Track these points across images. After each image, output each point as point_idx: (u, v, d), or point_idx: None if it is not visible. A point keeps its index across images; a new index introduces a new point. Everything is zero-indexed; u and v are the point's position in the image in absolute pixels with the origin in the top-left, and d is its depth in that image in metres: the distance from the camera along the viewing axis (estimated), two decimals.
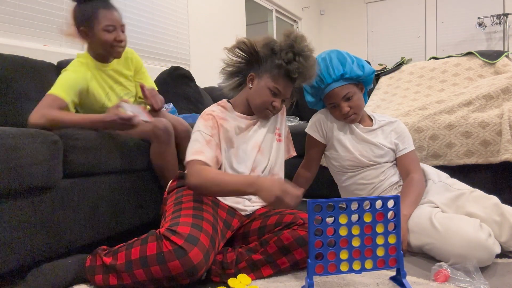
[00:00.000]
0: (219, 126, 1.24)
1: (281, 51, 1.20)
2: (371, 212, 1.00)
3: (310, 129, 1.57)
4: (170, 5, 3.08)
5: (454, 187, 1.37)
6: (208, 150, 1.18)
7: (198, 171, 1.12)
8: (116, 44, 1.49)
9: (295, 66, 1.18)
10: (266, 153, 1.32)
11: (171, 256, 0.95)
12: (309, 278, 0.97)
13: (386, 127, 1.52)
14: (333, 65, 1.42)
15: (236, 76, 1.32)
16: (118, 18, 1.51)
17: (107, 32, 1.46)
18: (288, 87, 1.25)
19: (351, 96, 1.42)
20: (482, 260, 1.10)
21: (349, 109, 1.43)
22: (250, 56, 1.26)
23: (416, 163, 1.47)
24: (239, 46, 1.25)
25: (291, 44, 1.19)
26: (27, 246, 1.09)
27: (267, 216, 1.23)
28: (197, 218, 1.06)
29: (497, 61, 2.25)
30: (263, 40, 1.24)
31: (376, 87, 2.60)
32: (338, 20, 6.35)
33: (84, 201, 1.27)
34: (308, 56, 1.21)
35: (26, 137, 1.08)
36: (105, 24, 1.45)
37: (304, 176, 1.61)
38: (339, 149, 1.50)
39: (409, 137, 1.52)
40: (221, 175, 1.14)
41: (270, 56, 1.23)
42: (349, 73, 1.40)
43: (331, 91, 1.43)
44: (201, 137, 1.19)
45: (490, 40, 5.30)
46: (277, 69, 1.21)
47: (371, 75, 1.46)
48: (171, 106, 2.14)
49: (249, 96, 1.29)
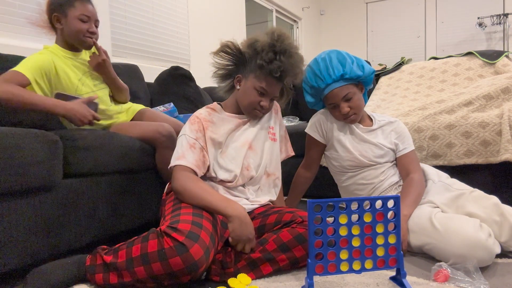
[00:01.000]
0: (205, 129, 1.25)
1: (262, 51, 1.20)
2: (371, 212, 1.00)
3: (310, 129, 1.57)
4: (170, 5, 3.08)
5: (454, 187, 1.37)
6: (190, 154, 1.19)
7: (181, 179, 1.15)
8: (88, 35, 1.49)
9: (276, 65, 1.18)
10: (258, 151, 1.32)
11: (172, 253, 0.95)
12: (309, 278, 0.97)
13: (386, 127, 1.52)
14: (333, 65, 1.41)
15: (228, 78, 1.33)
16: (94, 12, 1.52)
17: (81, 21, 1.47)
18: (275, 86, 1.25)
19: (351, 97, 1.42)
20: (482, 260, 1.10)
21: (349, 109, 1.43)
22: (236, 58, 1.27)
23: (416, 163, 1.47)
24: (223, 50, 1.26)
25: (272, 43, 1.19)
26: (27, 246, 1.09)
27: (266, 215, 1.23)
28: (197, 216, 1.06)
29: (497, 61, 2.25)
30: (247, 40, 1.25)
31: (376, 87, 2.60)
32: (338, 20, 6.35)
33: (84, 201, 1.27)
34: (291, 54, 1.21)
35: (26, 137, 1.08)
36: (81, 13, 1.46)
37: (304, 176, 1.62)
38: (339, 149, 1.50)
39: (409, 137, 1.52)
40: (200, 190, 1.14)
41: (254, 56, 1.23)
42: (349, 73, 1.40)
43: (331, 92, 1.43)
44: (185, 141, 1.21)
45: (490, 40, 5.30)
46: (260, 69, 1.22)
47: (371, 75, 1.46)
48: (172, 106, 2.14)
49: (238, 97, 1.30)
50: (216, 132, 1.27)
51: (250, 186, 1.31)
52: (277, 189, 1.40)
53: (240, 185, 1.28)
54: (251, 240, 1.11)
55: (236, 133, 1.30)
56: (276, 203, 1.41)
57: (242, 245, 1.11)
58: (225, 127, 1.29)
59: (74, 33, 1.48)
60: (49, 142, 1.14)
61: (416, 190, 1.36)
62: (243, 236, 1.09)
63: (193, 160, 1.19)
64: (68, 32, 1.49)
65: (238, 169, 1.26)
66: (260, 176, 1.32)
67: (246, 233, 1.09)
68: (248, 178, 1.29)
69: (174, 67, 2.44)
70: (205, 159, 1.23)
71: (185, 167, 1.17)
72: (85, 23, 1.48)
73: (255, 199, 1.30)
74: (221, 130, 1.27)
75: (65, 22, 1.48)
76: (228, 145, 1.28)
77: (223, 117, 1.30)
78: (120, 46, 2.62)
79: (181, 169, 1.17)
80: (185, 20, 3.26)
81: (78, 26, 1.47)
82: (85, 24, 1.48)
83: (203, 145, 1.23)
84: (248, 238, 1.10)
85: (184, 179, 1.15)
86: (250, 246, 1.12)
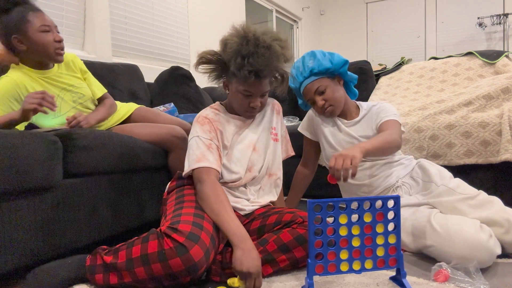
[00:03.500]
0: (216, 129, 1.25)
1: (231, 58, 1.15)
2: (371, 212, 1.00)
3: (301, 127, 1.63)
4: (170, 5, 3.08)
5: (458, 191, 1.30)
6: (210, 155, 1.19)
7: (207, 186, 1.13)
8: (57, 45, 1.39)
9: (246, 71, 1.12)
10: (262, 152, 1.32)
11: (172, 254, 0.95)
12: (309, 278, 0.97)
13: (369, 114, 1.49)
14: (304, 64, 1.48)
15: (220, 78, 1.30)
16: (50, 19, 1.41)
17: (44, 32, 1.37)
18: (258, 85, 1.19)
19: (323, 89, 1.45)
20: (483, 261, 1.10)
21: (324, 102, 1.45)
22: (217, 64, 1.22)
23: (395, 128, 1.37)
24: (201, 61, 1.21)
25: (238, 49, 1.13)
26: (27, 246, 1.09)
27: (267, 215, 1.23)
28: (198, 217, 1.06)
29: (497, 61, 2.25)
30: (220, 44, 1.20)
31: (376, 87, 2.60)
32: (338, 20, 6.35)
33: (84, 201, 1.27)
34: (260, 53, 1.12)
35: (26, 138, 1.08)
36: (40, 25, 1.36)
37: (303, 173, 1.64)
38: (325, 146, 1.53)
39: (388, 110, 1.45)
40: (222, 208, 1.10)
41: (229, 60, 1.18)
42: (317, 67, 1.44)
43: (304, 88, 1.49)
44: (201, 142, 1.20)
45: (490, 40, 5.30)
46: (236, 75, 1.17)
47: (342, 66, 1.47)
48: (172, 106, 2.14)
49: (230, 101, 1.30)
50: (224, 133, 1.26)
51: (251, 186, 1.31)
52: (278, 189, 1.40)
53: (241, 186, 1.28)
54: (253, 275, 0.97)
55: (240, 135, 1.30)
56: (277, 204, 1.41)
57: (243, 278, 0.99)
58: (230, 129, 1.28)
59: (42, 48, 1.37)
60: (49, 143, 1.13)
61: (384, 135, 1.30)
62: (243, 268, 0.97)
63: (214, 161, 1.19)
64: (34, 50, 1.37)
65: (243, 171, 1.26)
66: (262, 176, 1.32)
67: (247, 266, 0.97)
68: (251, 178, 1.29)
69: (174, 67, 2.44)
70: (220, 158, 1.23)
71: (209, 169, 1.16)
72: (48, 33, 1.38)
73: (256, 200, 1.30)
74: (227, 132, 1.27)
75: (28, 41, 1.35)
76: (233, 146, 1.27)
77: (227, 119, 1.30)
78: (120, 46, 2.62)
79: (206, 172, 1.16)
80: (185, 20, 3.26)
81: (43, 39, 1.36)
82: (49, 34, 1.38)
83: (218, 144, 1.23)
84: (249, 272, 0.97)
85: (211, 187, 1.13)
86: (252, 283, 0.98)
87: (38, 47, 1.37)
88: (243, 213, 1.26)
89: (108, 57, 2.45)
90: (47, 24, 1.38)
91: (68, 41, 2.29)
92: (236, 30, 1.17)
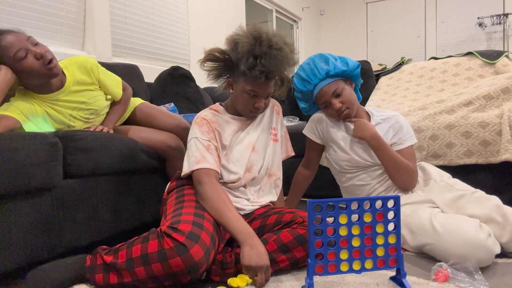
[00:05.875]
0: (214, 130, 1.25)
1: (242, 58, 1.16)
2: (371, 212, 1.00)
3: (307, 130, 1.58)
4: (170, 5, 3.08)
5: (456, 188, 1.37)
6: (209, 156, 1.19)
7: (208, 187, 1.14)
8: (41, 62, 1.26)
9: (257, 71, 1.14)
10: (261, 152, 1.32)
11: (172, 253, 0.95)
12: (309, 278, 0.97)
13: (384, 125, 1.49)
14: (317, 66, 1.44)
15: (222, 77, 1.30)
16: (19, 37, 1.25)
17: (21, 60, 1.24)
18: (265, 86, 1.21)
19: (341, 92, 1.42)
20: (482, 260, 1.10)
21: (341, 104, 1.42)
22: (224, 62, 1.23)
23: (411, 158, 1.43)
24: (209, 58, 1.22)
25: (251, 48, 1.14)
26: (27, 246, 1.09)
27: (267, 215, 1.23)
28: (198, 216, 1.06)
29: (497, 61, 2.25)
30: (229, 43, 1.20)
31: (376, 87, 2.60)
32: (338, 20, 6.35)
33: (84, 201, 1.27)
34: (272, 55, 1.14)
35: (26, 139, 1.08)
36: (13, 54, 1.23)
37: (303, 174, 1.63)
38: (336, 150, 1.50)
39: (407, 132, 1.47)
40: (225, 207, 1.12)
41: (238, 60, 1.19)
42: (333, 70, 1.42)
43: (320, 91, 1.44)
44: (200, 144, 1.20)
45: (490, 40, 5.30)
46: (245, 75, 1.18)
47: (356, 69, 1.46)
48: (172, 106, 2.15)
49: (233, 100, 1.30)
50: (223, 134, 1.27)
51: (251, 187, 1.31)
52: (278, 190, 1.40)
53: (241, 186, 1.28)
54: (262, 268, 1.02)
55: (239, 135, 1.30)
56: (277, 204, 1.41)
57: (253, 274, 1.03)
58: (229, 130, 1.28)
59: (31, 73, 1.28)
60: (49, 144, 1.13)
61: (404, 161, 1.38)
62: (252, 262, 1.01)
63: (213, 162, 1.19)
64: (26, 77, 1.29)
65: (242, 171, 1.26)
66: (261, 176, 1.32)
67: (256, 260, 1.01)
68: (250, 179, 1.29)
69: (174, 67, 2.44)
70: (219, 159, 1.23)
71: (209, 170, 1.17)
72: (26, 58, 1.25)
73: (255, 200, 1.30)
74: (226, 133, 1.27)
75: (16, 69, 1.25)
76: (233, 147, 1.27)
77: (227, 119, 1.30)
78: (120, 46, 2.62)
79: (206, 174, 1.17)
80: (185, 20, 3.26)
81: (24, 66, 1.25)
82: (27, 57, 1.25)
83: (216, 145, 1.23)
84: (258, 266, 1.01)
85: (212, 188, 1.14)
86: (262, 276, 1.02)
87: (25, 75, 1.28)
88: (243, 213, 1.26)
89: (108, 57, 2.45)
90: (17, 48, 1.23)
91: (68, 41, 2.29)
92: (247, 30, 1.18)
